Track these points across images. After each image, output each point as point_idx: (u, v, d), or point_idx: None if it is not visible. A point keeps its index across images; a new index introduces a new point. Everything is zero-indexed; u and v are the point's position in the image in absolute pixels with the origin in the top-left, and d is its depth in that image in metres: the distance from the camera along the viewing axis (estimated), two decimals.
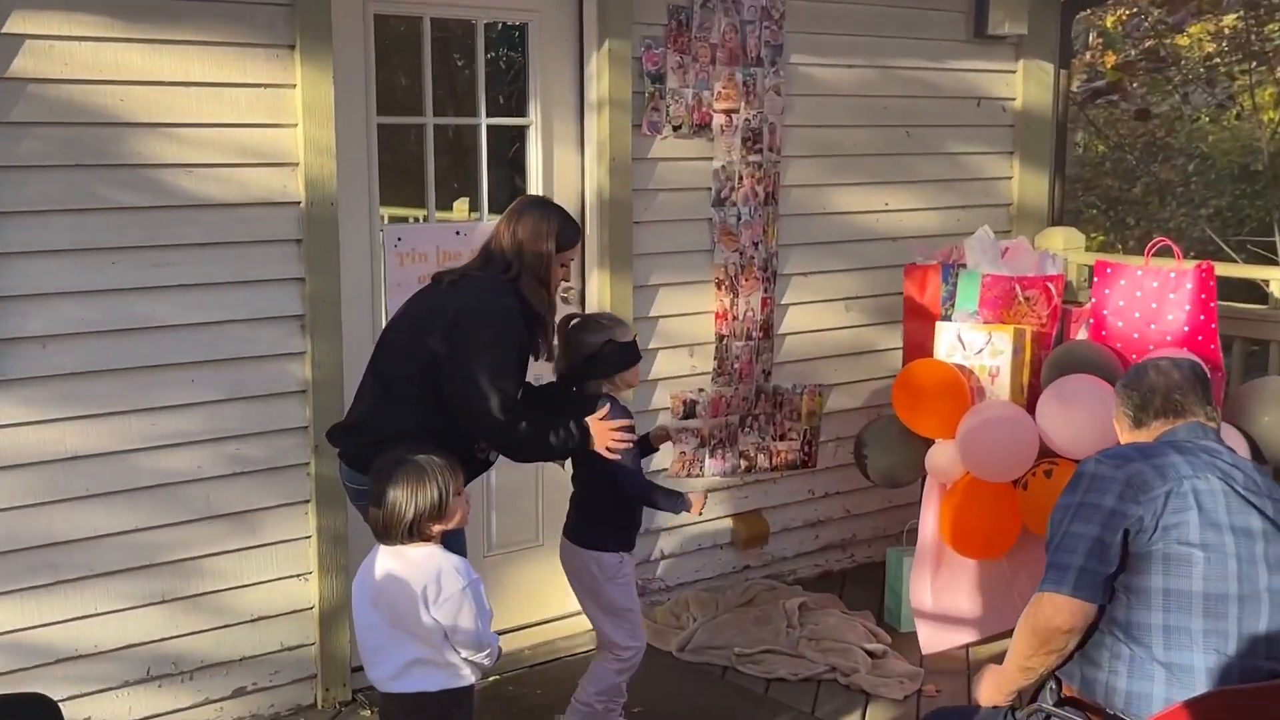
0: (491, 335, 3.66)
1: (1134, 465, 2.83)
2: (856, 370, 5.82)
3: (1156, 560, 2.77)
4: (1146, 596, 2.78)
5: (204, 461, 4.26)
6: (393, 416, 3.69)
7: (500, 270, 3.78)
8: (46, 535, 4.03)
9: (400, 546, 3.36)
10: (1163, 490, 2.79)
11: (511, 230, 3.79)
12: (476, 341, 3.64)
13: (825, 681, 4.77)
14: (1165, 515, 2.77)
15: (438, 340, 3.67)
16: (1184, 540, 2.77)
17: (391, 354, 3.78)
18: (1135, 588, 2.79)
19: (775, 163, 5.44)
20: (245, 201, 4.23)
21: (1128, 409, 3.07)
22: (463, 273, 3.82)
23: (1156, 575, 2.78)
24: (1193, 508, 2.78)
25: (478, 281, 3.76)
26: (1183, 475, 2.81)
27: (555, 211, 3.88)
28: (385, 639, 3.37)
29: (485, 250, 3.85)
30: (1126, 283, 4.90)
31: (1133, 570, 2.79)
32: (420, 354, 3.69)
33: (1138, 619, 2.80)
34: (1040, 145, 6.26)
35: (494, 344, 3.66)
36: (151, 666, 4.25)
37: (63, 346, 3.97)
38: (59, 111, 3.90)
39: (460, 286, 3.76)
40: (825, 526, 5.88)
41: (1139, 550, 2.78)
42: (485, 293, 3.72)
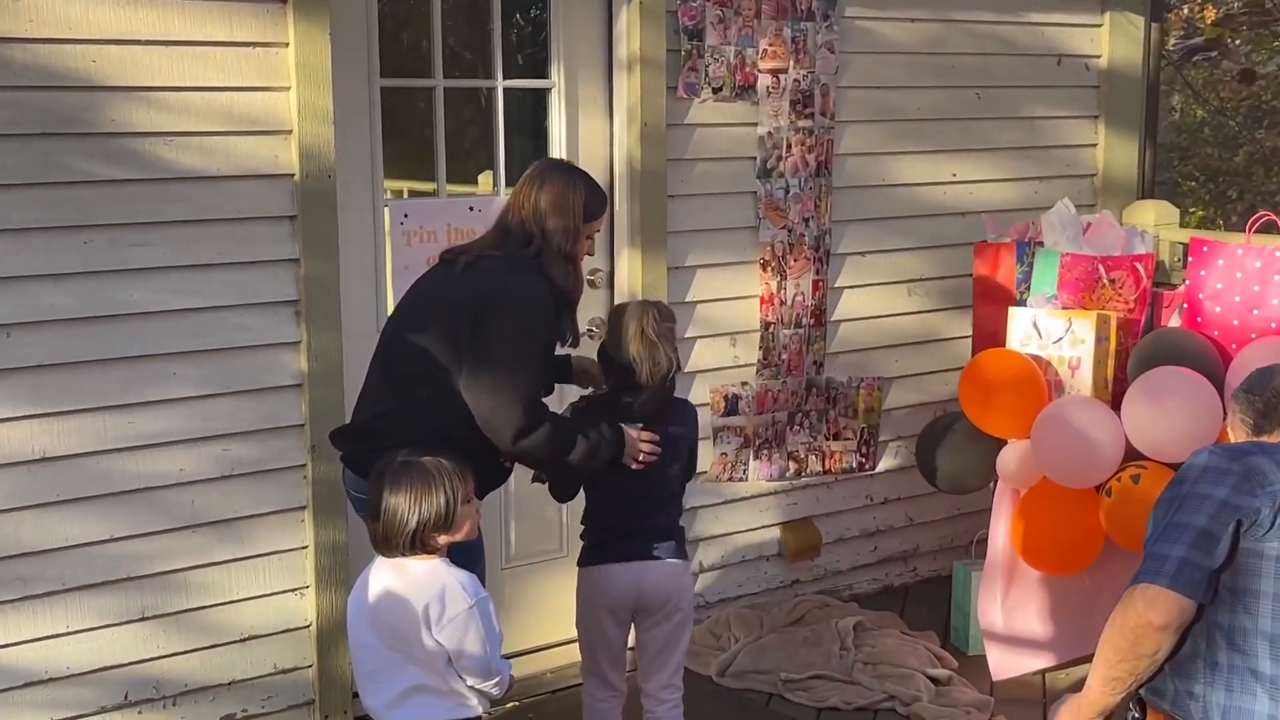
0: (518, 327, 3.57)
1: (1253, 459, 2.79)
2: (921, 361, 5.70)
3: (1269, 560, 2.72)
4: (1255, 601, 2.74)
5: (188, 463, 4.19)
6: (406, 421, 3.59)
7: (520, 246, 3.67)
8: (13, 545, 3.97)
9: (401, 559, 3.29)
10: (1278, 488, 2.73)
11: (534, 200, 3.68)
12: (501, 334, 3.54)
13: (882, 711, 4.66)
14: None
15: (458, 334, 3.56)
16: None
17: (403, 349, 3.67)
18: (1241, 589, 2.74)
19: (828, 129, 5.31)
20: (232, 174, 4.16)
21: (1247, 415, 3.05)
22: (478, 252, 3.71)
23: (1268, 578, 2.73)
24: None
25: (498, 263, 3.65)
26: None
27: (580, 176, 3.79)
28: (383, 662, 3.30)
29: (502, 224, 3.74)
30: (1225, 263, 4.74)
31: (1241, 570, 2.74)
32: (436, 350, 3.59)
33: (1242, 624, 2.75)
34: (1129, 109, 6.11)
35: (521, 336, 3.57)
36: (130, 691, 4.19)
37: (30, 336, 3.91)
38: (24, 74, 3.83)
39: (478, 269, 3.65)
40: (885, 536, 5.76)
41: (1250, 547, 2.73)
42: (509, 276, 3.62)
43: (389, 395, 3.67)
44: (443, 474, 3.27)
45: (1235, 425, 3.09)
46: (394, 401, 3.64)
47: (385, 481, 3.27)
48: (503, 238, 3.71)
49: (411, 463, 3.26)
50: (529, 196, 3.69)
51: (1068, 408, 4.60)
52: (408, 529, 3.23)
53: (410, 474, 3.26)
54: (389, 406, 3.65)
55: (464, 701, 3.29)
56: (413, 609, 3.25)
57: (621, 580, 3.87)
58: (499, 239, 3.72)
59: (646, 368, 3.83)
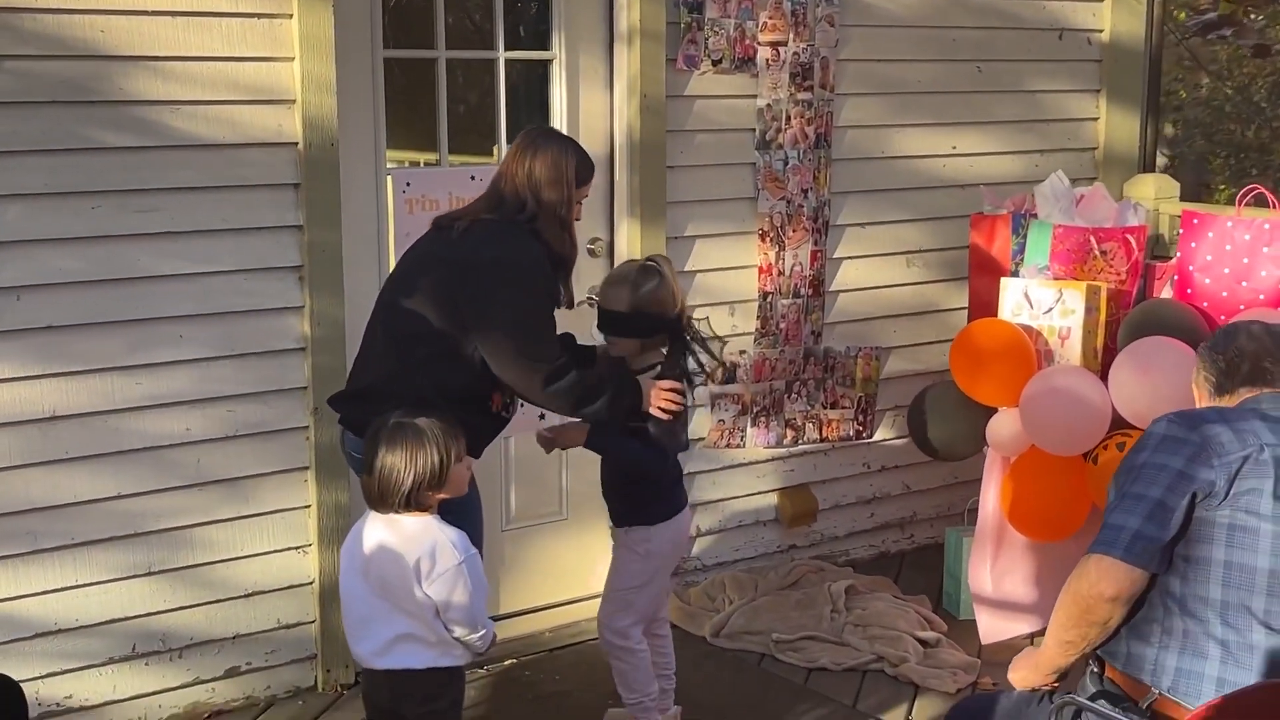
0: (521, 290, 3.69)
1: (1211, 427, 2.82)
2: (919, 332, 5.78)
3: (1221, 529, 2.77)
4: (1206, 568, 2.79)
5: (194, 424, 4.31)
6: (408, 380, 3.69)
7: (514, 212, 3.78)
8: (24, 500, 4.10)
9: (394, 515, 3.39)
10: (1240, 455, 2.78)
11: (527, 168, 3.79)
12: (508, 298, 3.66)
13: (871, 672, 4.76)
14: (1239, 481, 2.77)
15: (456, 295, 3.67)
16: (1254, 510, 2.76)
17: (402, 312, 3.77)
18: (1195, 558, 2.79)
19: (828, 101, 5.39)
20: (237, 142, 4.26)
21: (1210, 373, 3.05)
22: (472, 217, 3.82)
23: (1219, 546, 2.78)
24: (1270, 477, 2.77)
25: (494, 227, 3.76)
26: (1265, 442, 2.79)
27: (571, 144, 3.90)
28: (372, 611, 3.42)
29: (494, 191, 3.84)
30: (1215, 235, 4.81)
31: (1194, 538, 2.79)
32: (435, 310, 3.70)
33: (1195, 591, 2.80)
34: (1130, 83, 6.16)
35: (526, 298, 3.69)
36: (137, 643, 4.32)
37: (40, 298, 4.04)
38: (34, 43, 3.94)
39: (474, 234, 3.75)
40: (882, 504, 5.85)
41: (1204, 516, 2.78)
42: (506, 241, 3.72)
43: (390, 357, 3.76)
44: (436, 434, 3.37)
45: (1199, 382, 3.09)
46: (396, 363, 3.74)
47: (380, 441, 3.38)
48: (496, 204, 3.81)
49: (406, 423, 3.37)
50: (522, 165, 3.79)
51: (1056, 377, 4.68)
52: (403, 487, 3.34)
53: (405, 434, 3.36)
54: (391, 368, 3.75)
55: (449, 651, 3.40)
56: (404, 563, 3.36)
57: (687, 521, 4.27)
58: (492, 205, 3.82)
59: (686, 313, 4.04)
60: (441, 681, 3.42)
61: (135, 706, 4.33)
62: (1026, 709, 3.04)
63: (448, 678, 3.43)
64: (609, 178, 5.06)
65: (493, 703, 4.57)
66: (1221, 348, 3.05)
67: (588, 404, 3.78)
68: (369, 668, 3.46)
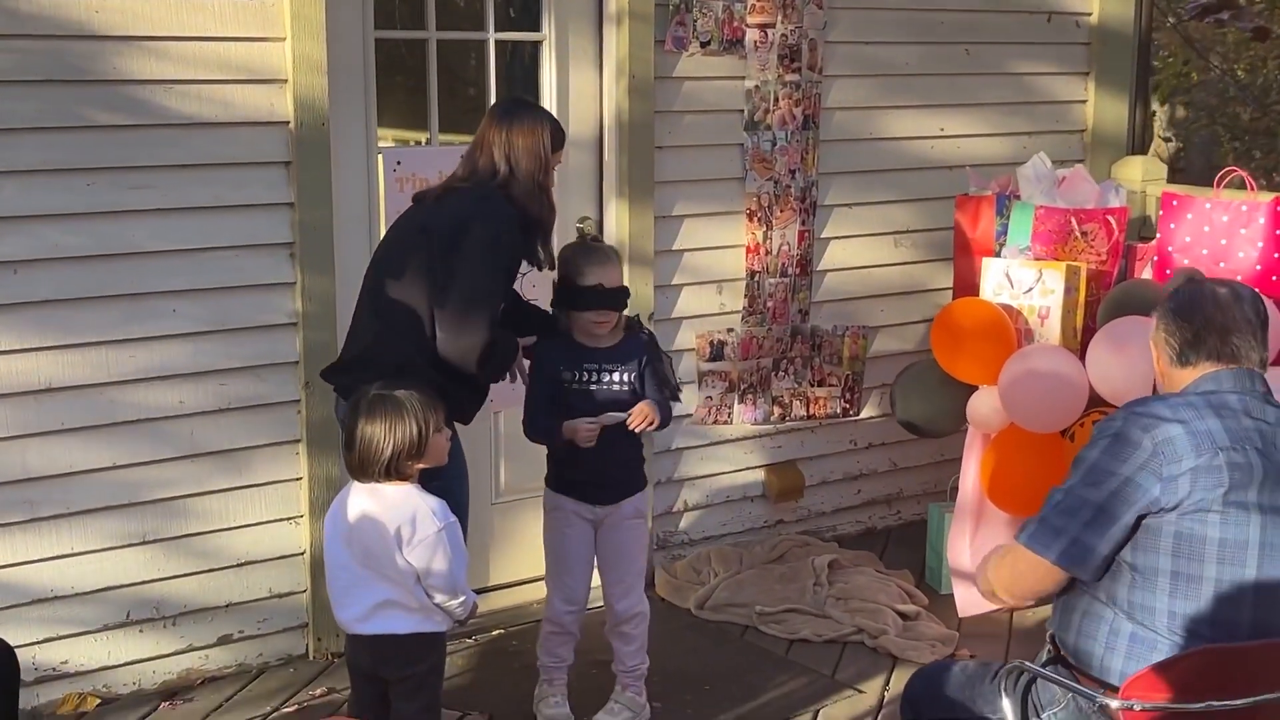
0: (485, 245, 3.78)
1: (1166, 429, 2.76)
2: (906, 311, 5.85)
3: (1167, 539, 2.75)
4: (1153, 578, 2.77)
5: (187, 396, 4.41)
6: (394, 347, 3.80)
7: (488, 178, 3.88)
8: (21, 470, 4.20)
9: (376, 484, 3.48)
10: (1190, 466, 2.73)
11: (504, 137, 3.89)
12: (470, 253, 3.76)
13: (851, 644, 4.86)
14: (1189, 493, 2.73)
15: (434, 260, 3.77)
16: (1202, 519, 2.73)
17: (385, 281, 3.88)
18: (1142, 567, 2.77)
19: (816, 83, 5.46)
20: (229, 121, 4.35)
21: (1173, 340, 2.94)
22: (445, 187, 3.93)
23: (1165, 556, 2.76)
24: (1222, 485, 2.73)
25: (468, 194, 3.87)
26: (1219, 445, 2.75)
27: (543, 113, 4.03)
28: (355, 579, 3.51)
29: (470, 161, 3.94)
30: (1194, 217, 4.88)
31: (1141, 546, 2.77)
32: (414, 278, 3.80)
33: (1142, 600, 2.79)
34: (1119, 65, 6.21)
35: (489, 251, 3.78)
36: (132, 610, 4.43)
37: (35, 272, 4.13)
38: (28, 23, 4.02)
39: (448, 202, 3.87)
40: (868, 480, 5.93)
41: (1150, 524, 2.75)
42: (479, 205, 3.83)
43: (375, 326, 3.87)
44: (415, 405, 3.46)
45: (1160, 345, 2.97)
46: (382, 329, 3.84)
47: (360, 412, 3.47)
48: (470, 172, 3.92)
49: (385, 395, 3.46)
50: (499, 135, 3.89)
51: (1034, 355, 4.75)
52: (383, 457, 3.44)
53: (384, 405, 3.45)
54: (375, 336, 3.85)
55: (430, 617, 3.50)
56: (386, 530, 3.45)
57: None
58: (466, 174, 3.93)
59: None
60: (423, 647, 3.51)
61: (129, 672, 4.44)
62: (981, 681, 3.11)
63: (429, 643, 3.53)
64: (598, 158, 5.14)
65: (480, 671, 4.68)
66: (1188, 315, 2.93)
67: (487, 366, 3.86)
68: (352, 633, 3.56)
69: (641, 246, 5.15)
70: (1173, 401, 2.85)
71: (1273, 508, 2.75)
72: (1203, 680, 2.60)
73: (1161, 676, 2.60)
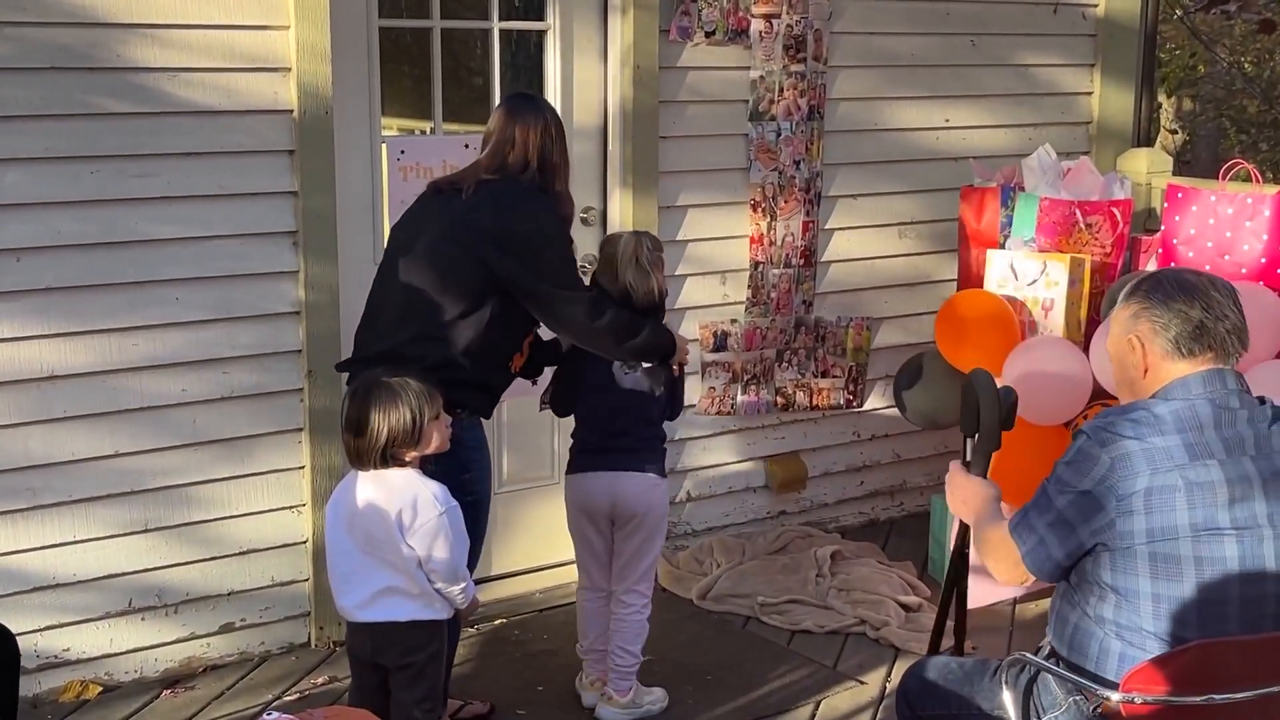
0: (558, 246, 3.84)
1: (1124, 445, 2.69)
2: (910, 303, 5.85)
3: (1142, 560, 2.70)
4: (1135, 600, 2.72)
5: (190, 384, 4.41)
6: (433, 344, 3.75)
7: (518, 172, 3.86)
8: (23, 457, 4.21)
9: (377, 470, 3.48)
10: (1143, 487, 2.66)
11: (537, 133, 3.87)
12: (552, 255, 3.81)
13: (853, 635, 4.86)
14: (1147, 515, 2.67)
15: (487, 257, 3.74)
16: (1171, 538, 2.67)
17: (427, 276, 3.78)
18: (1123, 590, 2.73)
19: (821, 73, 5.45)
20: (233, 109, 4.35)
21: (1167, 328, 2.78)
22: (476, 180, 3.85)
23: (1144, 578, 2.71)
24: (1182, 507, 2.66)
25: (512, 188, 3.82)
26: (1175, 463, 2.67)
27: (550, 106, 4.03)
28: (356, 565, 3.52)
29: (498, 155, 3.88)
30: (1199, 209, 4.87)
31: (1119, 568, 2.72)
32: (465, 273, 3.75)
33: (1129, 621, 2.73)
34: (1125, 57, 6.20)
35: (564, 250, 3.86)
36: (134, 598, 4.43)
37: (38, 260, 4.13)
38: (34, 10, 4.02)
39: (490, 196, 3.80)
40: (872, 471, 5.93)
41: (1121, 547, 2.70)
42: (530, 201, 3.82)
43: (412, 322, 3.78)
44: (409, 393, 3.46)
45: (1146, 335, 2.81)
46: (419, 327, 3.76)
47: (357, 399, 3.47)
48: (499, 166, 3.86)
49: (382, 382, 3.46)
50: (529, 131, 3.86)
51: (1038, 347, 4.75)
52: (379, 444, 3.44)
53: (380, 392, 3.45)
54: (413, 333, 3.76)
55: (431, 604, 3.50)
56: (387, 516, 3.45)
57: (596, 487, 4.17)
58: (495, 168, 3.86)
59: (641, 293, 4.08)
60: (423, 634, 3.51)
61: (131, 660, 4.45)
62: (980, 676, 3.09)
63: (429, 631, 3.52)
64: (602, 147, 5.14)
65: (482, 660, 4.68)
66: (1185, 298, 2.78)
67: (629, 338, 3.94)
68: (353, 620, 3.56)
69: None
70: (1134, 418, 2.73)
71: (1247, 522, 2.69)
72: (1202, 673, 2.59)
73: (1160, 670, 2.59)
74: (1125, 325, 2.86)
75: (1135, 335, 2.83)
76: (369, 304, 3.94)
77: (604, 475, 4.16)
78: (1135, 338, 2.83)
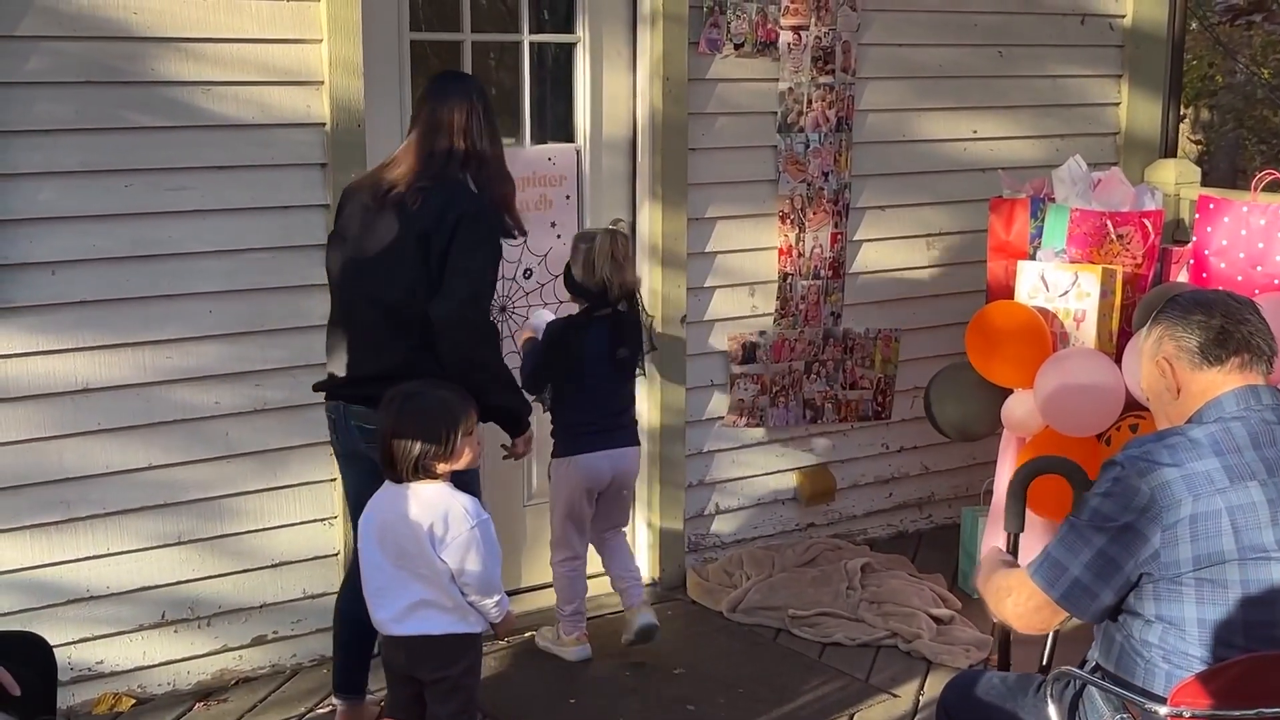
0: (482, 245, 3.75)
1: (1163, 474, 2.62)
2: (939, 314, 5.83)
3: (1188, 587, 2.64)
4: (1181, 625, 2.67)
5: (222, 397, 4.42)
6: (430, 360, 3.73)
7: (456, 169, 3.79)
8: (57, 470, 4.21)
9: (409, 483, 3.47)
10: (1186, 515, 2.61)
11: (467, 121, 3.79)
12: (470, 253, 3.72)
13: (885, 647, 4.83)
14: (1193, 543, 2.61)
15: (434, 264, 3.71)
16: (1218, 564, 2.62)
17: (400, 294, 3.75)
18: (1169, 617, 2.67)
19: (849, 85, 5.44)
20: (266, 122, 4.36)
21: (1189, 340, 2.74)
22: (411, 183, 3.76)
23: (1190, 604, 2.65)
24: (1227, 532, 2.61)
25: (443, 189, 3.75)
26: (1217, 488, 2.62)
27: (471, 80, 3.98)
28: (390, 579, 3.51)
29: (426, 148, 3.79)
30: (1231, 220, 4.85)
31: (1163, 597, 2.66)
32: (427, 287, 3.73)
33: (1176, 646, 2.68)
34: (1153, 68, 6.18)
35: (486, 252, 3.76)
36: (167, 610, 4.43)
37: (73, 273, 4.14)
38: (68, 25, 4.03)
39: (431, 203, 3.72)
40: (900, 484, 5.91)
41: (1166, 576, 2.64)
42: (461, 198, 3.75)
43: (402, 341, 3.76)
44: (446, 406, 3.46)
45: (1173, 354, 2.77)
46: (413, 346, 3.74)
47: (392, 409, 3.47)
48: (428, 162, 3.78)
49: (417, 393, 3.46)
50: (452, 116, 3.78)
51: (1070, 358, 4.73)
52: (411, 456, 3.43)
53: (415, 404, 3.45)
54: (407, 354, 3.75)
55: (466, 617, 3.50)
56: (420, 529, 3.45)
57: (604, 464, 4.61)
58: (426, 164, 3.78)
59: (617, 286, 4.47)
60: (458, 647, 3.51)
61: (164, 672, 4.45)
62: (1024, 692, 3.07)
63: (465, 644, 3.52)
64: (631, 159, 5.14)
65: (511, 672, 4.67)
66: (1205, 310, 2.76)
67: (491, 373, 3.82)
68: (388, 634, 3.56)
69: (674, 248, 5.14)
70: (1170, 444, 2.68)
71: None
72: (1251, 686, 2.57)
73: (1209, 683, 2.57)
74: (1151, 352, 2.83)
75: (1162, 358, 2.80)
76: (345, 320, 3.90)
77: (611, 453, 4.60)
78: (1163, 360, 2.80)
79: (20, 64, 3.99)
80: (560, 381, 4.57)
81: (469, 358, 3.75)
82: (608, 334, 4.52)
